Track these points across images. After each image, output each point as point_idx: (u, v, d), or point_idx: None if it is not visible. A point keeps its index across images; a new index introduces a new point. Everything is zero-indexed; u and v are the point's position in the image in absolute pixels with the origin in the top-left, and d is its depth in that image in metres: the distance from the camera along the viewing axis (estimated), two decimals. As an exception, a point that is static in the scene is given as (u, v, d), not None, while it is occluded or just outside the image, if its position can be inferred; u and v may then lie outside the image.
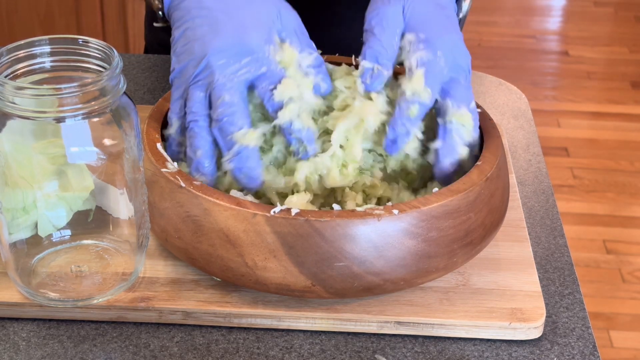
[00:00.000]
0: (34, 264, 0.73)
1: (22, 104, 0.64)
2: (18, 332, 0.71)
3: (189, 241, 0.70)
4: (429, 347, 0.70)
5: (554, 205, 0.87)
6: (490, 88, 1.08)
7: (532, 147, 0.96)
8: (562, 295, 0.76)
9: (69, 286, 0.72)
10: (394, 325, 0.70)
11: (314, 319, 0.71)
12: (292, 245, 0.66)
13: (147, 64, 1.10)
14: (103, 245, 0.75)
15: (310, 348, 0.70)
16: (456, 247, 0.69)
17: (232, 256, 0.68)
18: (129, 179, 0.71)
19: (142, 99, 1.03)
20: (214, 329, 0.71)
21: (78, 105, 0.65)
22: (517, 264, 0.76)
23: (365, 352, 0.70)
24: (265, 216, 0.66)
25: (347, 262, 0.66)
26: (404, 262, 0.67)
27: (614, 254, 2.20)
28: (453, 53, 0.75)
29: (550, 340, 0.71)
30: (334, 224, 0.66)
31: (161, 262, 0.75)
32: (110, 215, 0.74)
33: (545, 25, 3.47)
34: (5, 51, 0.68)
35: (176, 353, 0.69)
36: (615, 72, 3.08)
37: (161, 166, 0.72)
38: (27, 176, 0.69)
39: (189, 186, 0.69)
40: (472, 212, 0.70)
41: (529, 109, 1.04)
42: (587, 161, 2.57)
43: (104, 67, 0.68)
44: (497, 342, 0.71)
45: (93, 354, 0.69)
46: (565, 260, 0.80)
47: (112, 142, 0.68)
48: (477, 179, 0.71)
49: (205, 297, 0.72)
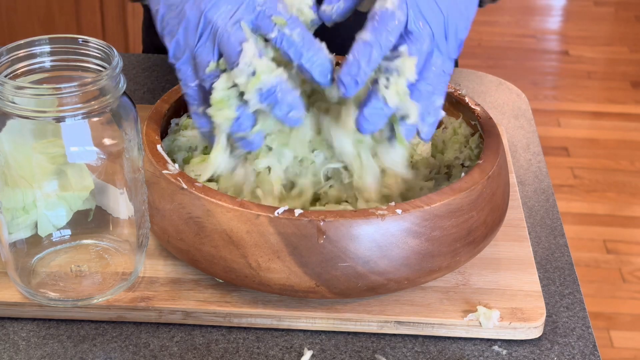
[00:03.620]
0: (34, 264, 0.73)
1: (22, 104, 0.64)
2: (18, 332, 0.71)
3: (191, 243, 0.70)
4: (429, 347, 0.70)
5: (554, 205, 0.87)
6: (491, 88, 1.08)
7: (532, 147, 0.96)
8: (562, 295, 0.76)
9: (69, 286, 0.72)
10: (394, 325, 0.70)
11: (314, 318, 0.71)
12: (296, 246, 0.66)
13: (147, 64, 1.10)
14: (103, 245, 0.75)
15: (310, 348, 0.70)
16: (459, 245, 0.69)
17: (235, 257, 0.68)
18: (129, 178, 0.71)
19: (142, 98, 1.03)
20: (214, 329, 0.71)
21: (78, 105, 0.65)
22: (517, 263, 0.76)
23: (365, 352, 0.70)
24: (269, 217, 0.66)
25: (351, 262, 0.66)
26: (408, 261, 0.67)
27: (614, 253, 2.20)
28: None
29: (550, 340, 0.71)
30: (338, 224, 0.66)
31: (161, 261, 0.75)
32: (110, 215, 0.74)
33: (546, 25, 3.47)
34: (5, 51, 0.68)
35: (176, 353, 0.69)
36: (615, 72, 3.08)
37: (162, 168, 0.71)
38: (27, 176, 0.69)
39: (190, 188, 0.69)
40: (475, 211, 0.70)
41: (529, 108, 1.04)
42: (587, 161, 2.57)
43: (104, 67, 0.68)
44: (497, 342, 0.71)
45: (93, 353, 0.69)
46: (565, 260, 0.80)
47: (112, 142, 0.68)
48: (479, 177, 0.71)
49: (205, 297, 0.72)
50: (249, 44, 0.70)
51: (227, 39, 0.70)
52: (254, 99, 0.70)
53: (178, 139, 0.80)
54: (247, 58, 0.70)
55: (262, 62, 0.70)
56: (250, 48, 0.70)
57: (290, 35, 0.70)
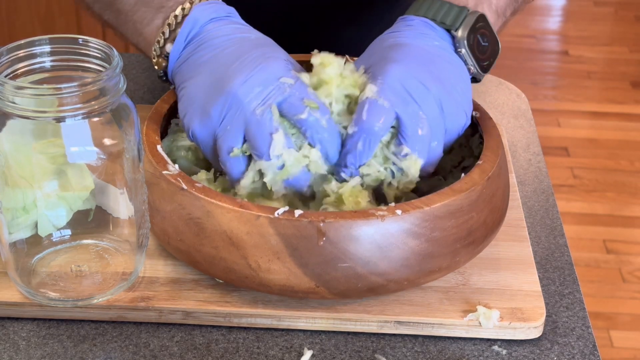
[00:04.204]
0: (34, 264, 0.73)
1: (22, 104, 0.64)
2: (18, 332, 0.71)
3: (191, 243, 0.70)
4: (429, 347, 0.70)
5: (554, 205, 0.87)
6: (490, 88, 1.08)
7: (532, 147, 0.96)
8: (562, 295, 0.76)
9: (69, 286, 0.72)
10: (394, 325, 0.70)
11: (314, 318, 0.71)
12: (296, 247, 0.66)
13: (147, 64, 1.10)
14: (103, 245, 0.75)
15: (310, 348, 0.70)
16: (459, 246, 0.69)
17: (235, 258, 0.68)
18: (129, 178, 0.71)
19: (142, 98, 1.03)
20: (214, 329, 0.71)
21: (78, 105, 0.65)
22: (517, 263, 0.76)
23: (365, 351, 0.70)
24: (269, 218, 0.66)
25: (351, 263, 0.66)
26: (408, 262, 0.67)
27: (614, 253, 2.20)
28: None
29: (550, 340, 0.71)
30: (338, 225, 0.66)
31: (161, 261, 0.75)
32: (110, 215, 0.74)
33: (545, 25, 3.47)
34: (5, 51, 0.68)
35: (176, 353, 0.69)
36: (615, 72, 3.08)
37: (162, 168, 0.71)
38: (27, 176, 0.69)
39: (190, 188, 0.69)
40: (474, 212, 0.70)
41: (529, 108, 1.04)
42: (587, 161, 2.57)
43: (104, 67, 0.68)
44: (497, 342, 0.71)
45: (93, 353, 0.69)
46: (565, 260, 0.80)
47: (112, 142, 0.68)
48: (479, 178, 0.71)
49: (205, 296, 0.72)
50: (279, 135, 0.70)
51: (256, 127, 0.70)
52: (279, 187, 0.71)
53: (178, 139, 0.80)
54: (277, 151, 0.70)
55: (291, 155, 0.70)
56: (280, 139, 0.70)
57: (320, 120, 0.71)
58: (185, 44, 0.77)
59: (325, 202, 0.73)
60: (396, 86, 0.72)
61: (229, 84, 0.71)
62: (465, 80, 0.77)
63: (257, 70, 0.72)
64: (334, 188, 0.73)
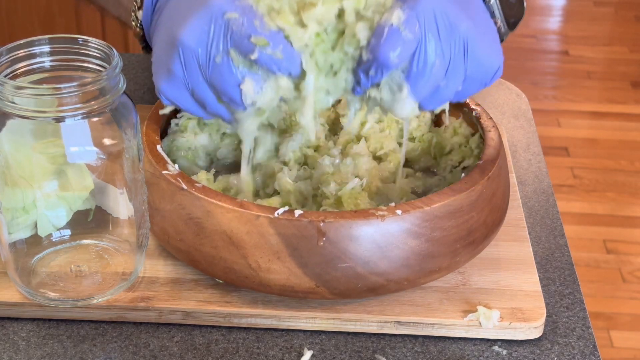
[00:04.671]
0: (34, 264, 0.73)
1: (22, 104, 0.64)
2: (18, 332, 0.71)
3: (191, 243, 0.70)
4: (429, 347, 0.70)
5: (554, 205, 0.87)
6: (490, 88, 1.08)
7: (532, 147, 0.96)
8: (562, 295, 0.76)
9: (69, 286, 0.72)
10: (394, 325, 0.70)
11: (314, 319, 0.71)
12: (296, 247, 0.66)
13: (147, 64, 1.10)
14: (103, 245, 0.75)
15: (310, 348, 0.70)
16: (459, 246, 0.69)
17: (235, 258, 0.68)
18: (129, 178, 0.71)
19: (142, 98, 1.03)
20: (214, 329, 0.71)
21: (78, 105, 0.65)
22: (517, 263, 0.76)
23: (365, 352, 0.70)
24: (269, 218, 0.66)
25: (351, 262, 0.66)
26: (408, 262, 0.67)
27: (614, 253, 2.20)
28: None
29: (550, 340, 0.71)
30: (338, 225, 0.66)
31: (161, 261, 0.75)
32: (110, 215, 0.74)
33: (545, 25, 3.47)
34: (5, 50, 0.68)
35: (176, 353, 0.69)
36: (615, 72, 3.08)
37: (162, 168, 0.71)
38: (27, 176, 0.69)
39: (190, 188, 0.69)
40: (474, 212, 0.70)
41: (529, 108, 1.04)
42: (587, 161, 2.57)
43: (104, 67, 0.68)
44: (497, 342, 0.71)
45: (93, 353, 0.69)
46: (565, 260, 0.80)
47: (112, 142, 0.68)
48: (479, 178, 0.71)
49: (205, 297, 0.72)
50: (247, 83, 0.68)
51: (220, 80, 0.68)
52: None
53: (178, 139, 0.80)
54: (249, 99, 0.68)
55: (264, 97, 0.69)
56: (249, 88, 0.68)
57: (273, 55, 0.67)
58: (153, 8, 0.75)
59: (325, 204, 0.73)
60: (426, 17, 0.66)
61: (176, 33, 0.68)
62: (494, 31, 0.73)
63: (199, 11, 0.67)
64: (332, 190, 0.73)
